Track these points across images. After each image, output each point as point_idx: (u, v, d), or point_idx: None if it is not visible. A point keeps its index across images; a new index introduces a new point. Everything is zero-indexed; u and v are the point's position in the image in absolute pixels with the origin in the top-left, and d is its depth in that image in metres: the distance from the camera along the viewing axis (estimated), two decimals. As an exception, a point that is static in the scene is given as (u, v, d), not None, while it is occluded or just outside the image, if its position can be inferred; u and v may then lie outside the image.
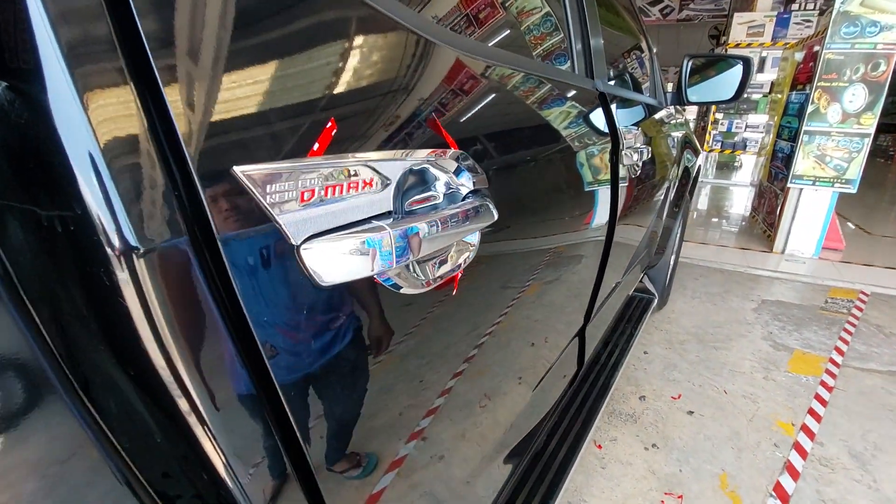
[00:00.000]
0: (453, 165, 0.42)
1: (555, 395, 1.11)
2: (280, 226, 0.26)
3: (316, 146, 0.29)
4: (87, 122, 0.20)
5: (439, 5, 0.55)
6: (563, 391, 1.16)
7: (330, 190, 0.28)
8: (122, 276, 0.21)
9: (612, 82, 1.13)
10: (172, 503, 0.27)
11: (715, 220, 4.50)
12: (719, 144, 5.96)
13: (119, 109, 0.21)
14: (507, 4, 0.77)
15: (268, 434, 0.29)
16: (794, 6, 5.60)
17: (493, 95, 0.56)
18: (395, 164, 0.35)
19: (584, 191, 0.85)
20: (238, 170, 0.24)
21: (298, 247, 0.27)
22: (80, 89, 0.20)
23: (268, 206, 0.25)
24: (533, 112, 0.67)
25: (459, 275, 0.45)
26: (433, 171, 0.39)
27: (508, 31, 0.78)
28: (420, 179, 0.38)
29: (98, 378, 0.23)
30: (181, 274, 0.23)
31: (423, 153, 0.38)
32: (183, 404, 0.24)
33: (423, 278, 0.38)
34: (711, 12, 8.03)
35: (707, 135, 5.92)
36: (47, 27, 0.20)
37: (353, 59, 0.33)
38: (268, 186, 0.25)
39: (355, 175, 0.30)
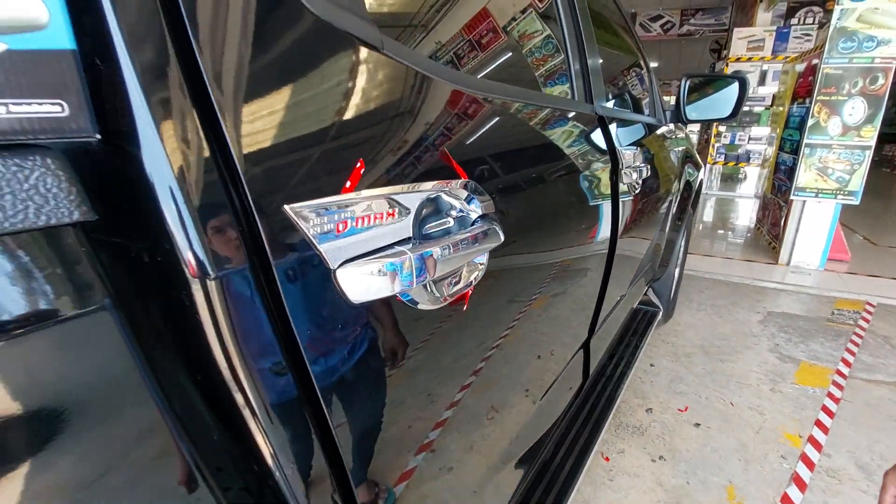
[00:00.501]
0: (463, 193, 0.47)
1: (561, 406, 1.14)
2: (320, 253, 0.31)
3: (348, 184, 0.34)
4: (173, 174, 0.26)
5: (445, 33, 0.60)
6: (569, 403, 1.19)
7: (360, 221, 0.33)
8: (199, 297, 0.26)
9: (611, 103, 1.19)
10: (224, 492, 0.32)
11: (720, 232, 4.52)
12: (723, 157, 6.00)
13: (198, 164, 0.26)
14: (508, 29, 0.83)
15: (307, 434, 0.33)
16: (794, 21, 5.69)
17: (498, 128, 0.61)
18: (412, 195, 0.40)
19: (586, 210, 0.89)
20: (288, 208, 0.29)
21: (335, 270, 0.32)
22: (167, 149, 0.26)
23: (311, 237, 0.30)
24: (535, 139, 0.73)
25: (470, 292, 0.50)
26: (445, 199, 0.44)
27: (510, 55, 0.83)
28: (434, 208, 0.43)
29: (172, 380, 0.28)
30: (244, 294, 0.28)
31: (436, 184, 0.43)
32: (240, 403, 0.29)
33: (439, 295, 0.43)
34: (712, 27, 8.16)
35: (710, 147, 5.97)
36: (141, 97, 0.25)
37: (377, 109, 0.38)
38: (311, 220, 0.30)
39: (380, 207, 0.35)
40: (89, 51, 0.24)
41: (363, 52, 0.38)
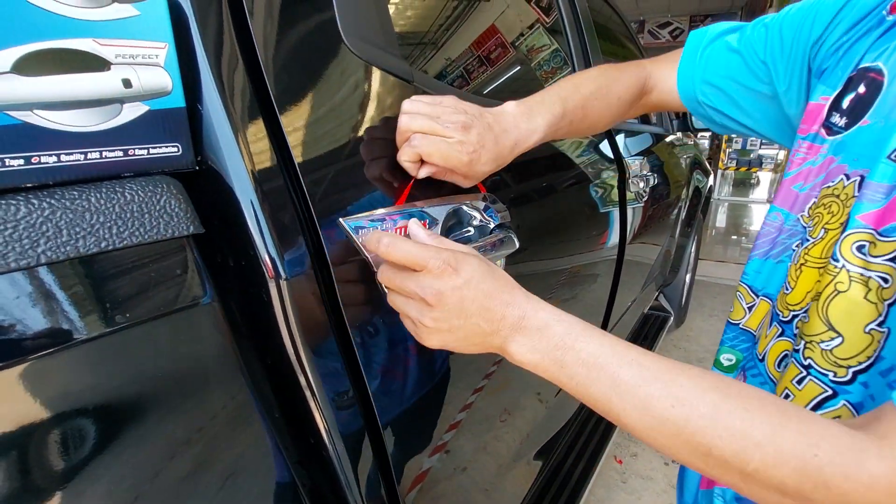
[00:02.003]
0: (482, 205, 0.53)
1: (572, 409, 1.17)
2: (367, 258, 0.37)
3: (390, 199, 0.40)
4: (254, 195, 0.32)
5: (457, 53, 0.67)
6: (581, 405, 1.23)
7: (399, 231, 0.39)
8: (275, 294, 0.32)
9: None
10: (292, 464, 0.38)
11: (734, 237, 4.50)
12: (734, 162, 5.97)
13: (273, 187, 0.33)
14: (517, 44, 0.89)
15: (354, 414, 0.39)
16: (804, 26, 5.68)
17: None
18: (440, 208, 0.46)
19: (595, 219, 0.94)
20: (343, 221, 0.36)
21: (377, 272, 0.38)
22: (250, 176, 0.32)
23: (360, 245, 0.37)
24: (546, 151, 0.78)
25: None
26: (466, 210, 0.50)
27: (521, 72, 0.89)
28: (457, 219, 0.49)
29: (251, 362, 0.34)
30: (309, 292, 0.34)
31: (459, 197, 0.49)
32: (303, 385, 0.35)
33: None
34: (721, 33, 8.15)
35: (721, 153, 5.96)
36: (230, 137, 0.32)
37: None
38: (360, 231, 0.37)
39: (416, 219, 0.41)
40: (193, 106, 0.31)
41: (397, 84, 0.45)
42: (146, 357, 0.27)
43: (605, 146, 1.04)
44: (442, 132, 0.39)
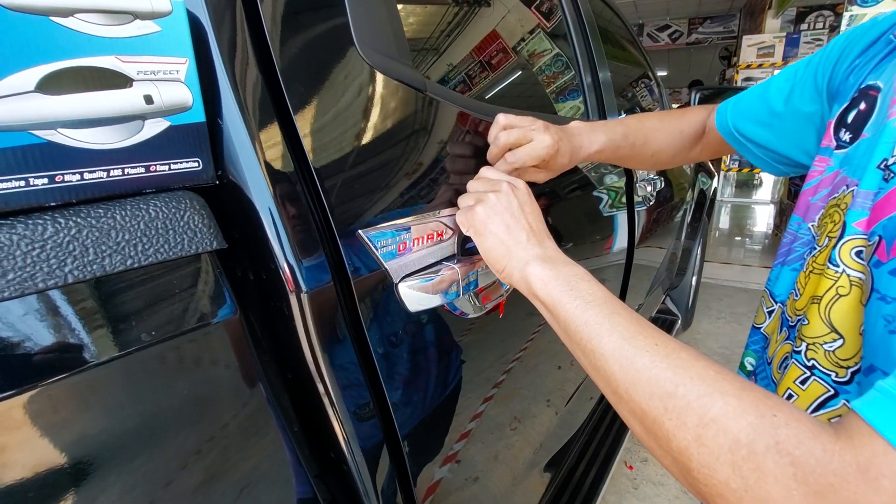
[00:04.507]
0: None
1: (582, 416, 1.16)
2: (386, 269, 0.37)
3: (407, 209, 0.40)
4: (275, 209, 0.32)
5: (458, 54, 0.67)
6: (591, 412, 1.21)
7: (416, 242, 0.39)
8: (295, 307, 0.32)
9: (622, 116, 1.24)
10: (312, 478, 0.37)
11: (738, 238, 4.49)
12: (737, 163, 5.96)
13: (293, 201, 0.33)
14: (518, 49, 0.89)
15: (377, 435, 0.39)
16: (804, 26, 5.68)
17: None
18: (455, 218, 0.45)
19: (604, 223, 0.94)
20: (362, 232, 0.35)
21: (397, 284, 0.38)
22: (270, 190, 0.32)
23: (379, 257, 0.36)
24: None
25: (504, 301, 0.55)
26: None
27: (530, 79, 0.90)
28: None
29: (272, 374, 0.34)
30: (328, 304, 0.34)
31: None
32: (324, 398, 0.35)
33: (479, 305, 0.48)
34: (721, 35, 8.17)
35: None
36: (251, 151, 0.32)
37: (425, 143, 0.45)
38: (379, 243, 0.36)
39: (432, 229, 0.41)
40: (213, 120, 0.31)
41: (411, 94, 0.45)
42: (171, 373, 0.27)
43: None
44: (529, 126, 0.48)
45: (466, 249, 0.46)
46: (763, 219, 5.26)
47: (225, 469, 0.31)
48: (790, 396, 0.40)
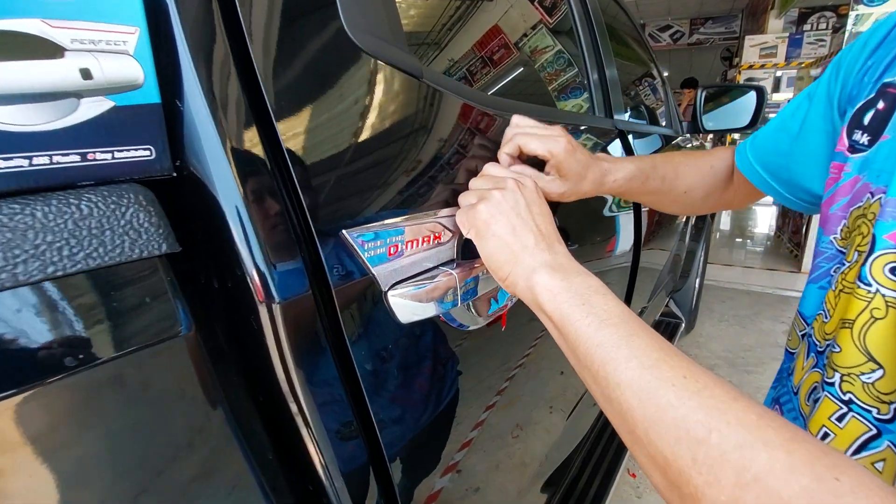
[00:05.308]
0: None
1: (587, 422, 1.12)
2: (373, 275, 0.32)
3: (399, 209, 0.35)
4: (242, 206, 0.27)
5: (460, 49, 0.62)
6: (595, 419, 1.17)
7: (409, 245, 0.34)
8: (265, 319, 0.28)
9: (628, 116, 1.20)
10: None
11: (739, 240, 4.45)
12: (738, 164, 5.92)
13: (264, 196, 0.28)
14: (520, 45, 0.85)
15: (361, 453, 0.34)
16: (807, 26, 5.65)
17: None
18: (454, 218, 0.41)
19: (609, 224, 0.90)
20: (346, 233, 0.31)
21: (386, 292, 0.33)
22: (237, 183, 0.27)
23: (365, 261, 0.32)
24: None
25: (506, 311, 0.50)
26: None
27: (534, 75, 0.85)
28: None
29: (238, 399, 0.29)
30: (305, 317, 0.29)
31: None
32: (301, 426, 0.30)
33: (480, 315, 0.44)
34: (722, 35, 8.14)
35: (725, 155, 5.89)
36: (215, 137, 0.27)
37: (422, 135, 0.40)
38: (366, 245, 0.32)
39: (427, 230, 0.36)
40: (170, 102, 0.26)
41: (405, 81, 0.40)
42: (106, 405, 0.22)
43: (619, 149, 1.00)
44: (542, 128, 0.45)
45: (467, 253, 0.41)
46: (765, 221, 5.21)
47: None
48: (825, 436, 0.35)
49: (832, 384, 0.35)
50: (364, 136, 0.35)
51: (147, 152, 0.25)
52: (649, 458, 0.26)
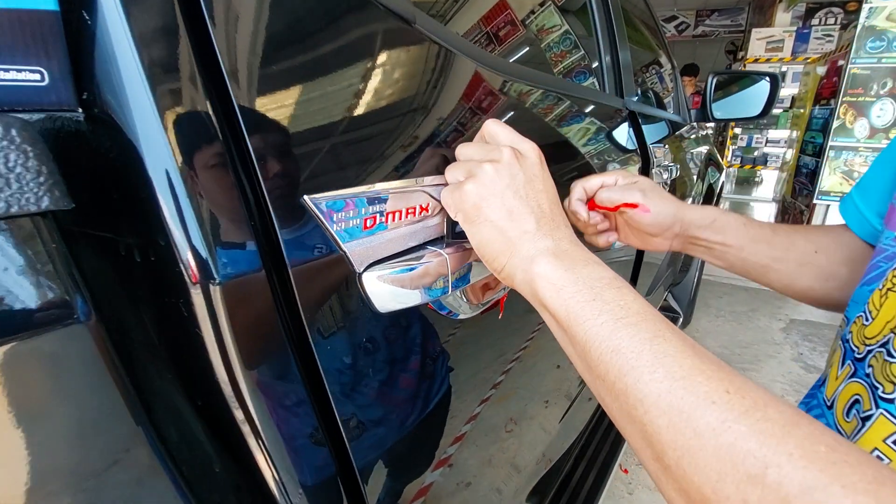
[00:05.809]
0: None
1: (583, 417, 1.08)
2: (345, 253, 0.26)
3: (377, 173, 0.29)
4: (171, 155, 0.21)
5: (465, 21, 0.56)
6: (591, 415, 1.13)
7: (391, 217, 0.28)
8: (199, 305, 0.21)
9: (638, 98, 1.13)
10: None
11: (737, 236, 4.41)
12: (739, 160, 5.87)
13: (202, 144, 0.22)
14: (527, 22, 0.78)
15: (328, 465, 0.28)
16: (815, 21, 5.56)
17: (532, 114, 0.56)
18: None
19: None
20: (308, 199, 0.25)
21: (360, 274, 0.27)
22: (165, 125, 0.21)
23: (334, 235, 0.26)
24: (567, 131, 0.67)
25: (504, 298, 0.45)
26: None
27: (542, 45, 0.79)
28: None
29: (163, 406, 0.23)
30: (255, 303, 0.23)
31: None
32: (248, 434, 0.24)
33: (474, 303, 0.38)
34: (728, 28, 8.02)
35: (726, 150, 5.85)
36: (136, 63, 0.21)
37: (410, 88, 0.34)
38: (334, 215, 0.25)
39: (413, 201, 0.30)
40: (75, 14, 0.19)
41: (394, 25, 0.34)
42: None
43: (629, 133, 0.93)
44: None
45: (458, 232, 0.35)
46: (764, 216, 5.18)
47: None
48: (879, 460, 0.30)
49: (891, 400, 0.29)
50: (341, 82, 0.29)
51: (36, 76, 0.19)
52: (682, 493, 0.21)
